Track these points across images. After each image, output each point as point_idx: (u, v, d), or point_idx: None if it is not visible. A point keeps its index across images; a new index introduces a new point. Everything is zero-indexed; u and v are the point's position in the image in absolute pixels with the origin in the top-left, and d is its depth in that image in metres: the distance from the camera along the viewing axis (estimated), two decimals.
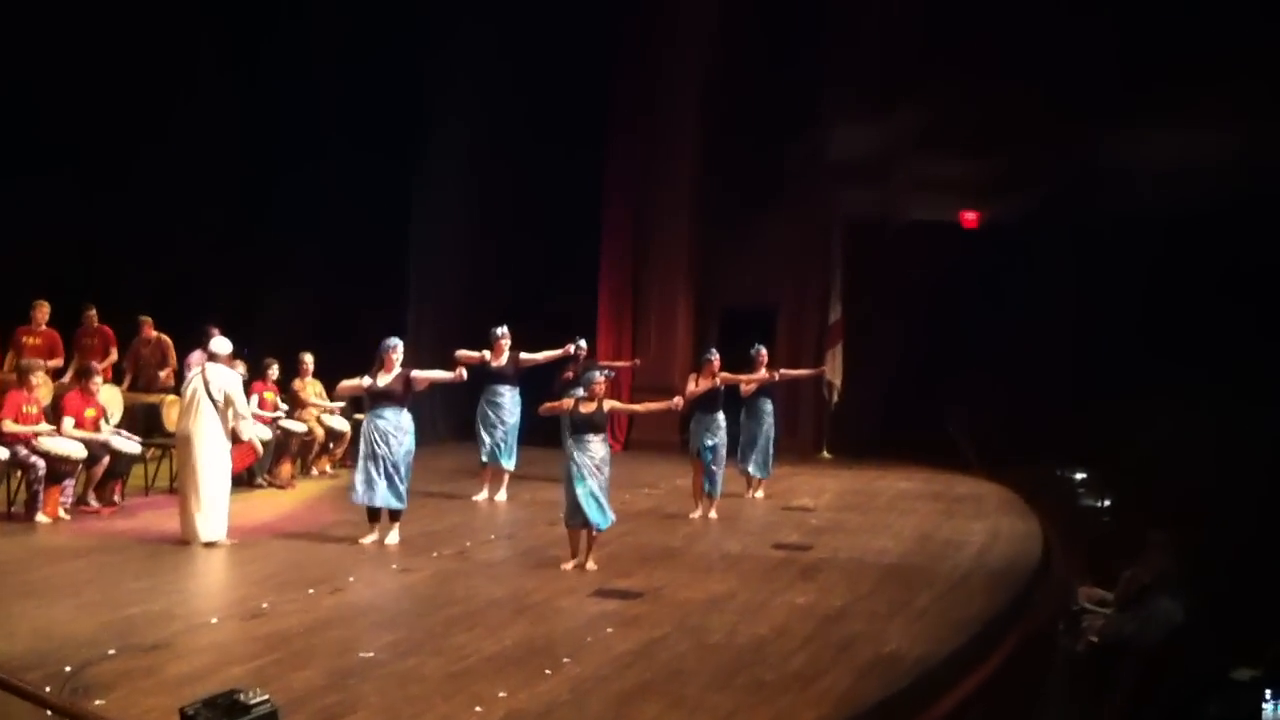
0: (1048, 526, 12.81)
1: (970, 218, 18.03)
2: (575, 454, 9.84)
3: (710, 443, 12.66)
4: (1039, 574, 10.65)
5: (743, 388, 13.77)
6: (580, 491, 9.71)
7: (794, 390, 18.00)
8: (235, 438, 10.83)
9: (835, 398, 18.88)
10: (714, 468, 12.64)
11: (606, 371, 10.53)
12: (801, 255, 19.18)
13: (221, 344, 10.85)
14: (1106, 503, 16.15)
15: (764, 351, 14.00)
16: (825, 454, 18.59)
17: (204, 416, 10.47)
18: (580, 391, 10.07)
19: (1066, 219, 17.65)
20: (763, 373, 13.85)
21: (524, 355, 13.41)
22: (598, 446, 9.86)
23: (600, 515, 9.77)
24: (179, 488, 10.90)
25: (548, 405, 10.36)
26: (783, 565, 10.37)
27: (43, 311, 13.31)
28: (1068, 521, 14.30)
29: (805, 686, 6.95)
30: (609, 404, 10.16)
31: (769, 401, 14.22)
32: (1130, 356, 16.50)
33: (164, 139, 15.47)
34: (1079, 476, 17.04)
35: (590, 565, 9.82)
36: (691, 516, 12.54)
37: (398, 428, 10.58)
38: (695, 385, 12.75)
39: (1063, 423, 16.89)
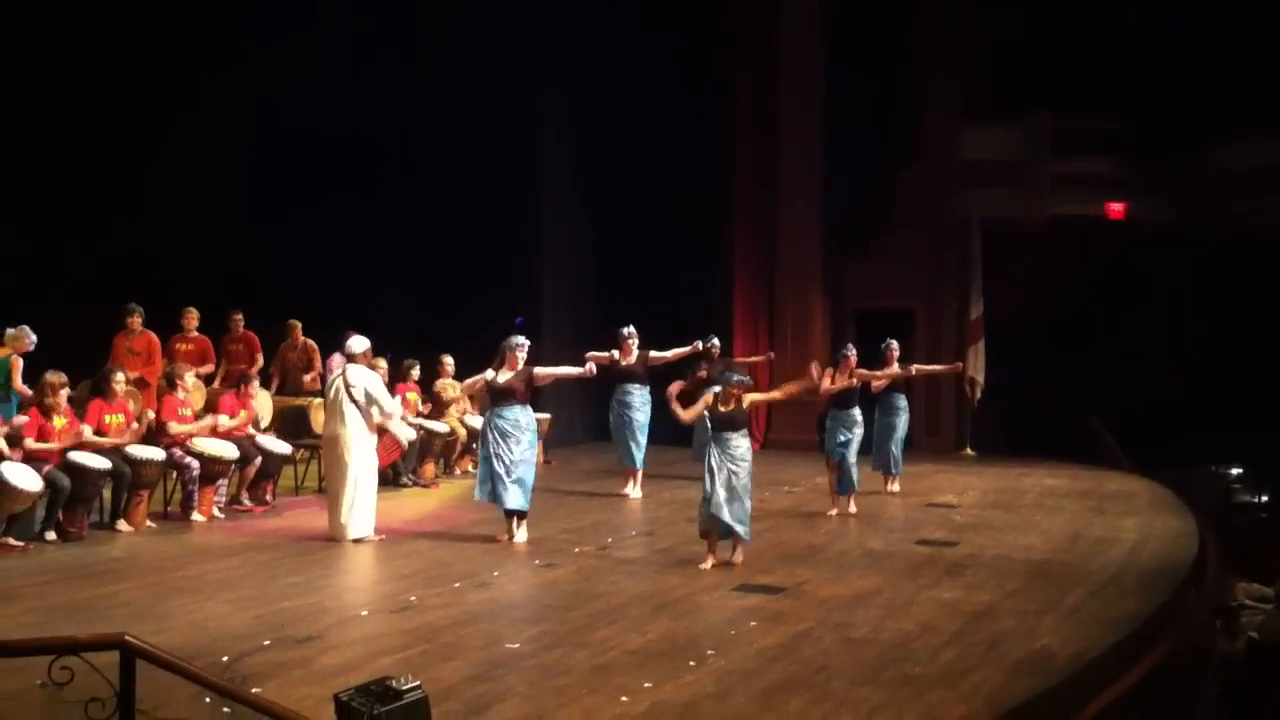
0: (1203, 523, 12.41)
1: (1117, 209, 17.56)
2: (715, 454, 9.68)
3: (843, 439, 12.53)
4: (1195, 571, 10.32)
5: (873, 384, 13.60)
6: (716, 501, 9.58)
7: (935, 388, 17.79)
8: (381, 432, 11.01)
9: (978, 395, 18.55)
10: (849, 464, 12.50)
11: (742, 376, 10.35)
12: (938, 253, 18.92)
13: (358, 342, 11.03)
14: (1263, 498, 15.61)
15: (894, 345, 13.81)
16: (968, 451, 18.28)
17: (348, 417, 10.67)
18: (722, 381, 9.97)
19: (1213, 214, 17.17)
20: (895, 368, 13.66)
21: (653, 353, 13.46)
22: (739, 442, 9.73)
23: (741, 526, 9.67)
24: (327, 487, 11.13)
25: (688, 416, 10.17)
26: (927, 562, 10.20)
27: (192, 318, 13.70)
28: (1223, 518, 13.87)
29: (954, 682, 6.82)
30: (749, 399, 9.97)
31: (902, 397, 14.03)
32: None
33: (306, 152, 15.87)
34: (1234, 472, 16.51)
35: (737, 558, 9.74)
36: (829, 514, 12.40)
37: (516, 426, 10.57)
38: (832, 382, 12.62)
39: (1215, 418, 16.45)
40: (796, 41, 18.89)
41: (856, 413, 12.73)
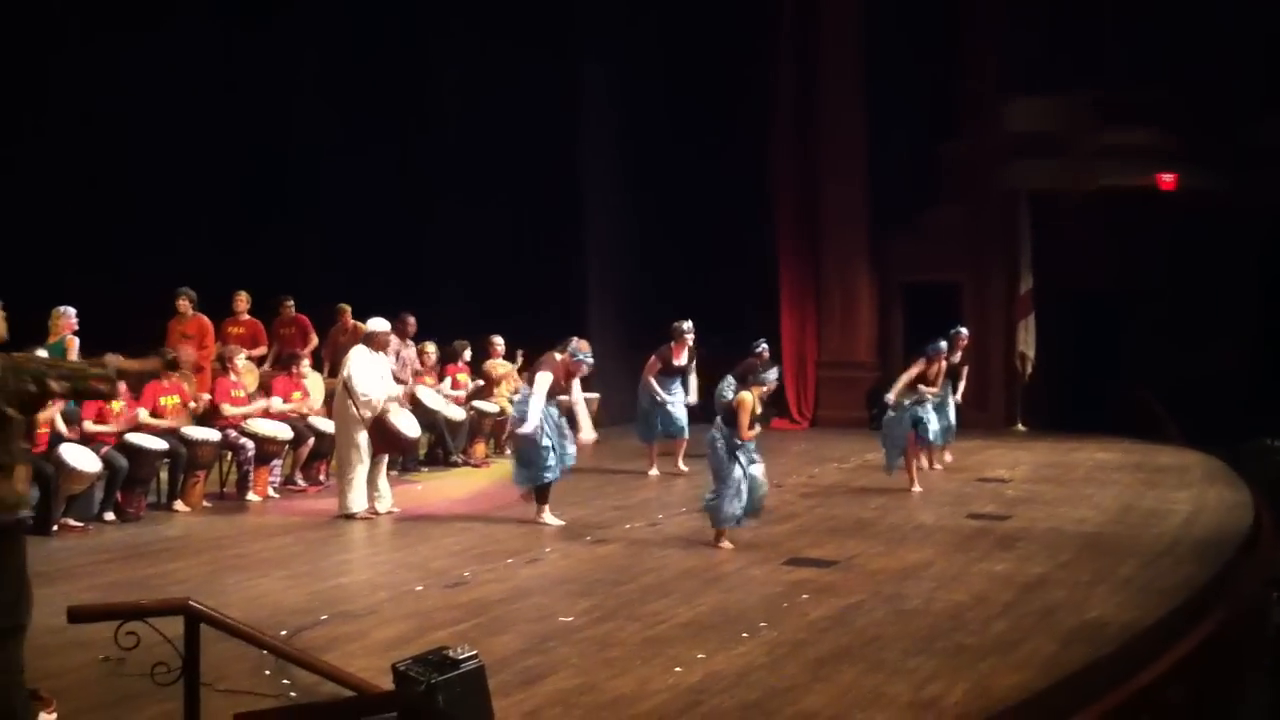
0: (1257, 494, 12.30)
1: (1168, 180, 17.37)
2: (742, 458, 9.57)
3: (921, 415, 12.52)
4: (1248, 543, 10.23)
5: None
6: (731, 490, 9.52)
7: (985, 363, 17.66)
8: (381, 421, 10.91)
9: (1028, 370, 18.43)
10: (926, 424, 12.52)
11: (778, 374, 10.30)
12: (984, 227, 18.74)
13: (377, 323, 11.09)
14: None
15: (964, 333, 13.75)
16: (1019, 427, 18.18)
17: (343, 399, 10.79)
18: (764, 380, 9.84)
19: (1267, 186, 16.96)
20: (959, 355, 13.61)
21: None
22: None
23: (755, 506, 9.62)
24: (337, 463, 11.28)
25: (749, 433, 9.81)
26: (979, 535, 10.18)
27: (242, 302, 13.83)
28: (1277, 490, 13.72)
29: (1007, 652, 6.81)
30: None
31: (949, 383, 13.94)
32: None
33: (355, 139, 16.01)
34: None
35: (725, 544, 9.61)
36: (914, 490, 12.34)
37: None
38: (919, 372, 12.58)
39: (1269, 391, 16.28)
40: (838, 17, 18.74)
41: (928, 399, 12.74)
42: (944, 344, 12.84)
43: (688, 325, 13.37)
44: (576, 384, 10.77)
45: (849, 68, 18.73)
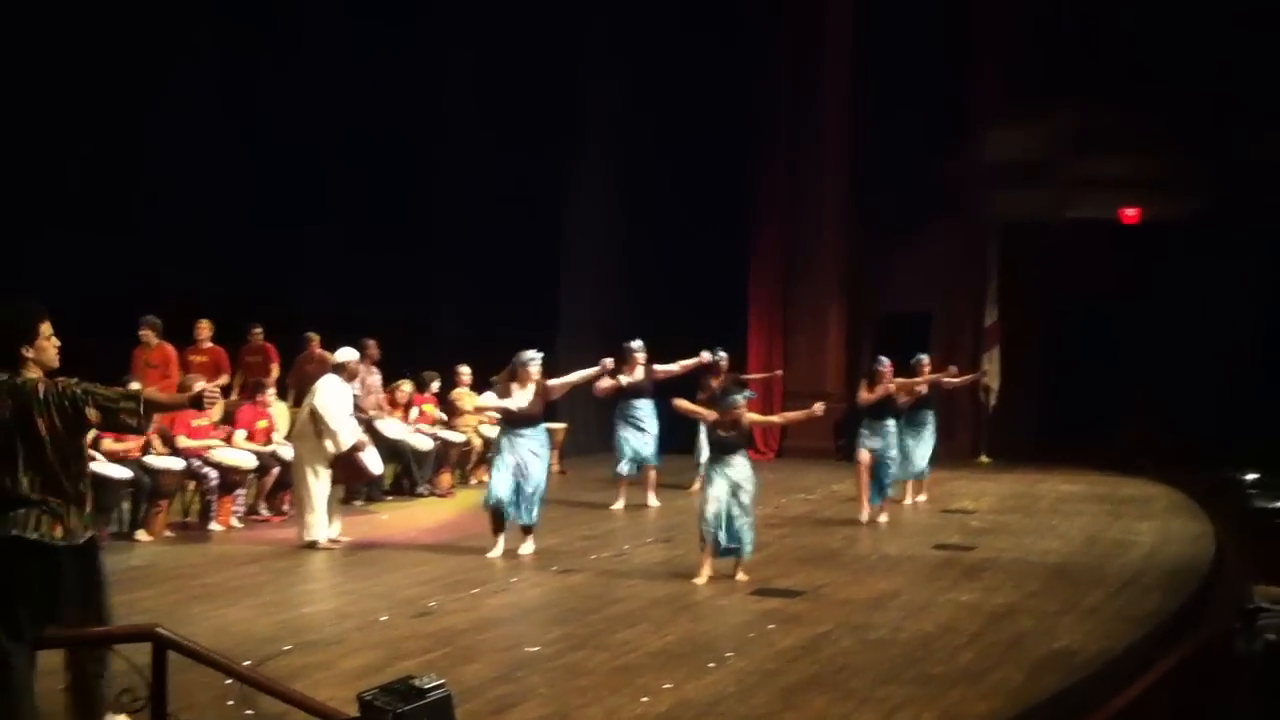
0: (1220, 527, 12.39)
1: (1131, 214, 17.55)
2: (715, 474, 9.52)
3: (878, 446, 12.47)
4: (1213, 573, 10.31)
5: (901, 399, 13.59)
6: (711, 516, 9.40)
7: (950, 395, 17.72)
8: (349, 455, 10.91)
9: (993, 402, 18.54)
10: (887, 468, 12.47)
11: (748, 393, 10.24)
12: (955, 259, 18.85)
13: (345, 353, 11.11)
14: None
15: (925, 360, 13.82)
16: (984, 458, 18.26)
17: (305, 426, 10.76)
18: (724, 406, 9.75)
19: (1236, 218, 17.14)
20: (926, 376, 13.66)
21: (659, 367, 13.31)
22: (739, 462, 9.53)
23: (737, 540, 9.43)
24: (295, 491, 11.23)
25: (684, 405, 10.07)
26: (945, 565, 10.21)
27: (204, 330, 13.73)
28: (1240, 523, 13.82)
29: (976, 681, 6.83)
30: (749, 418, 9.74)
31: (931, 414, 13.99)
32: None
33: (321, 164, 15.94)
34: (1250, 478, 16.46)
35: (739, 576, 9.47)
36: (862, 520, 12.33)
37: (542, 445, 10.47)
38: (868, 393, 12.57)
39: (1232, 424, 16.43)
40: (826, 47, 18.86)
41: (891, 424, 12.65)
42: (886, 360, 12.82)
43: (636, 344, 13.29)
44: (559, 380, 10.83)
45: (834, 95, 18.83)
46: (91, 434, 9.40)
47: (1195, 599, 9.33)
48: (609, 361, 11.34)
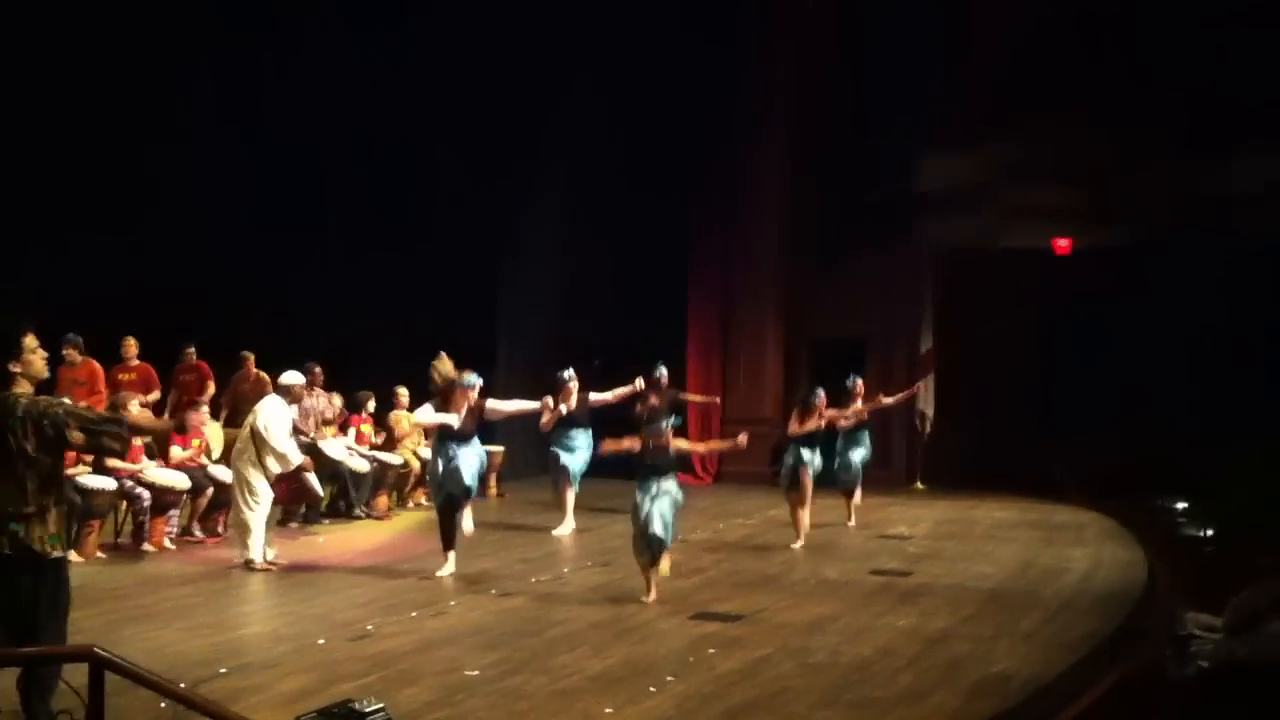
0: (1151, 553, 12.57)
1: (1063, 244, 17.82)
2: (641, 493, 9.52)
3: (806, 457, 12.62)
4: (1145, 599, 10.44)
5: (841, 423, 13.74)
6: (644, 516, 9.43)
7: (885, 421, 17.87)
8: (296, 474, 10.93)
9: (928, 428, 18.70)
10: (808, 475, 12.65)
11: (675, 420, 10.27)
12: (890, 286, 19.04)
13: (290, 376, 11.07)
14: (1209, 532, 15.79)
15: (860, 382, 13.97)
16: (919, 485, 18.40)
17: (246, 447, 10.69)
18: (649, 433, 9.79)
19: (1166, 249, 17.44)
20: (859, 404, 13.84)
21: (594, 396, 13.24)
22: (668, 485, 9.53)
23: (664, 531, 9.43)
24: (233, 513, 11.14)
25: (608, 445, 9.98)
26: (882, 590, 10.27)
27: (131, 347, 13.54)
28: (1169, 550, 14.01)
29: (914, 703, 6.88)
30: (675, 445, 9.77)
31: (866, 434, 14.22)
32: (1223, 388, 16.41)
33: (264, 182, 15.82)
34: (1180, 506, 16.71)
35: (664, 567, 9.59)
36: (793, 547, 12.39)
37: (475, 453, 10.50)
38: (800, 424, 12.63)
39: (1161, 455, 16.65)
40: (767, 65, 19.02)
41: (816, 445, 12.85)
42: (820, 392, 12.94)
43: (568, 373, 13.23)
44: (498, 404, 10.82)
45: (772, 122, 19.01)
46: None
47: (1128, 624, 9.43)
48: (550, 400, 11.36)
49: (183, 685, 6.64)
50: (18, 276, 12.97)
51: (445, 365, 10.57)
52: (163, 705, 6.11)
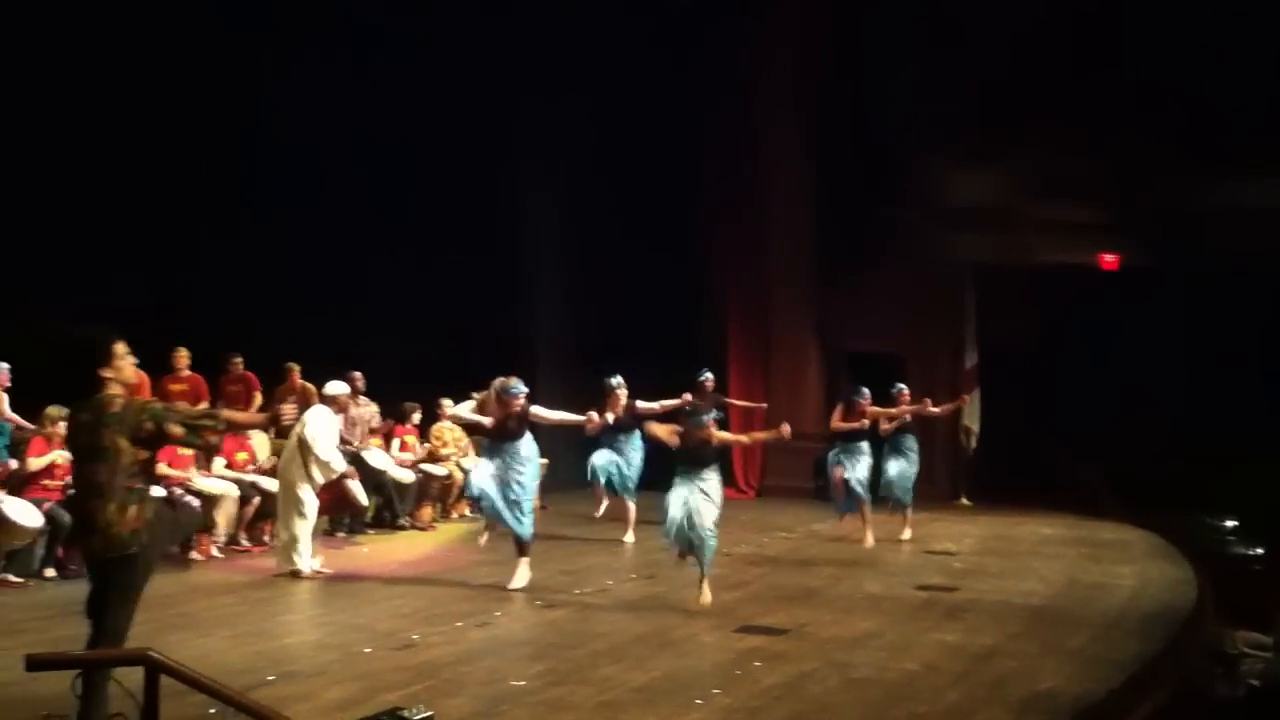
0: (1199, 571, 12.43)
1: (1110, 259, 17.68)
2: (680, 482, 9.73)
3: (848, 463, 12.60)
4: (1194, 617, 10.33)
5: (883, 425, 13.70)
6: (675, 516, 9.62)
7: (930, 437, 17.76)
8: (339, 484, 11.01)
9: (973, 444, 18.59)
10: (854, 486, 12.68)
11: (715, 413, 10.31)
12: (929, 301, 18.94)
13: (335, 386, 11.14)
14: (1258, 550, 15.61)
15: (905, 391, 13.95)
16: (964, 501, 18.27)
17: (294, 456, 10.75)
18: (692, 424, 9.88)
19: (1208, 265, 17.28)
20: (906, 407, 13.81)
21: (640, 404, 13.27)
22: (710, 475, 9.71)
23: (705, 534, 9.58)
24: (280, 522, 11.19)
25: (653, 430, 10.14)
26: (927, 605, 10.20)
27: (182, 358, 13.62)
28: (1218, 568, 13.87)
29: None
30: (718, 436, 9.96)
31: (913, 439, 14.15)
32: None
33: (300, 198, 15.93)
34: (1229, 524, 16.53)
35: (704, 598, 9.65)
36: (864, 545, 12.39)
37: (522, 461, 10.45)
38: (841, 419, 12.70)
39: (1208, 471, 16.48)
40: (787, 86, 19.01)
41: (864, 445, 12.85)
42: (865, 391, 12.91)
43: (616, 380, 13.22)
44: (544, 411, 10.70)
45: (798, 134, 18.96)
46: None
47: (1177, 643, 9.33)
48: (595, 415, 11.35)
49: None
50: (73, 291, 13.16)
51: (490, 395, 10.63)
52: (213, 712, 6.17)
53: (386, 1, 16.65)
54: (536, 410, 10.64)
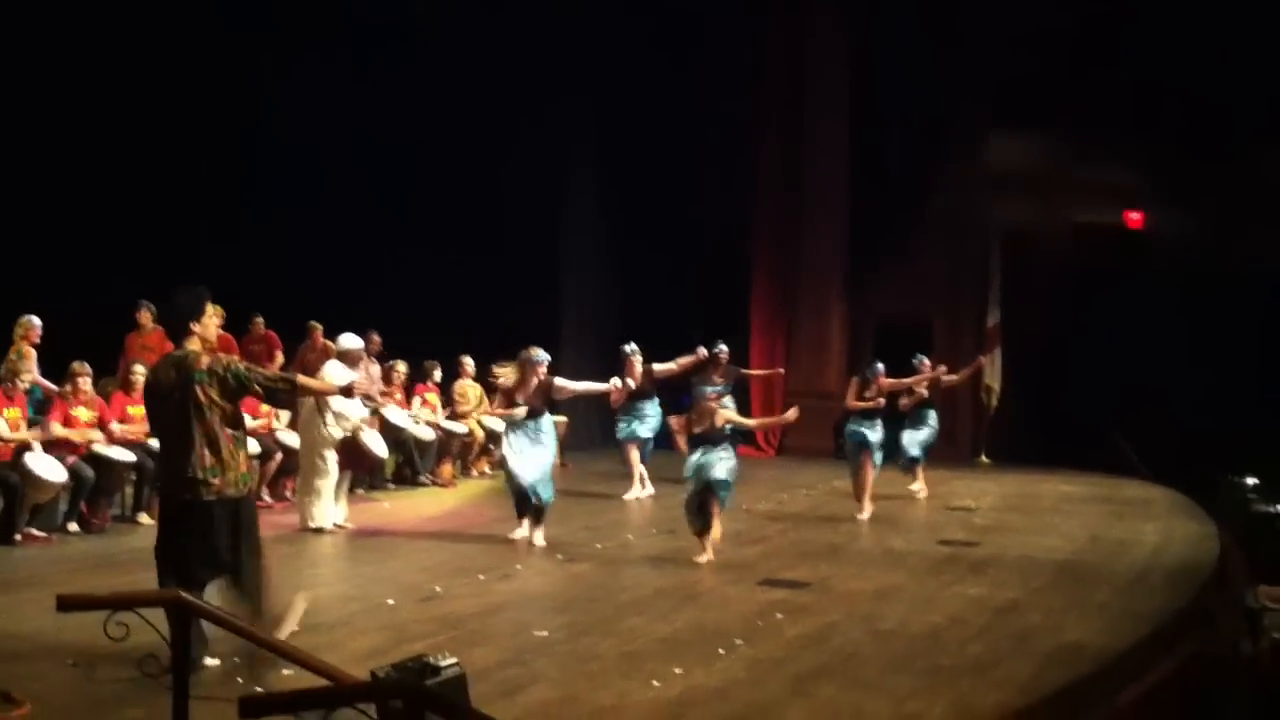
0: (1223, 527, 12.40)
1: (1135, 218, 17.57)
2: (697, 453, 9.81)
3: (864, 433, 12.53)
4: (1218, 574, 10.30)
5: (902, 401, 13.67)
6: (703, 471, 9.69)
7: (950, 395, 17.71)
8: (353, 443, 10.96)
9: (994, 402, 18.53)
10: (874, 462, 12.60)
11: (719, 387, 10.36)
12: (957, 264, 18.87)
13: (349, 340, 11.08)
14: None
15: (926, 362, 13.91)
16: (984, 459, 18.23)
17: (312, 413, 10.75)
18: (697, 394, 9.97)
19: (1238, 227, 17.18)
20: (918, 378, 13.76)
21: (657, 367, 13.24)
22: (724, 452, 9.76)
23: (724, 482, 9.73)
24: (301, 477, 11.23)
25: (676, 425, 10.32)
26: (950, 560, 10.19)
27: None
28: (1239, 526, 13.83)
29: (985, 672, 6.81)
30: (722, 417, 9.97)
31: (933, 414, 14.11)
32: None
33: (328, 159, 15.91)
34: (1250, 482, 16.47)
35: (716, 533, 9.84)
36: (858, 518, 12.32)
37: (544, 432, 10.46)
38: (856, 396, 12.57)
39: (1231, 430, 16.41)
40: (824, 50, 18.90)
41: (879, 422, 12.72)
42: (880, 366, 12.86)
43: (630, 347, 13.16)
44: (566, 382, 10.72)
45: (836, 103, 18.87)
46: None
47: (1201, 598, 9.30)
48: (617, 381, 11.33)
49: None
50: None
51: (506, 369, 10.62)
52: (235, 660, 6.20)
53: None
54: (560, 382, 10.61)
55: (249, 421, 11.78)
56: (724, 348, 14.04)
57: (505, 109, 16.96)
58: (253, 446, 11.59)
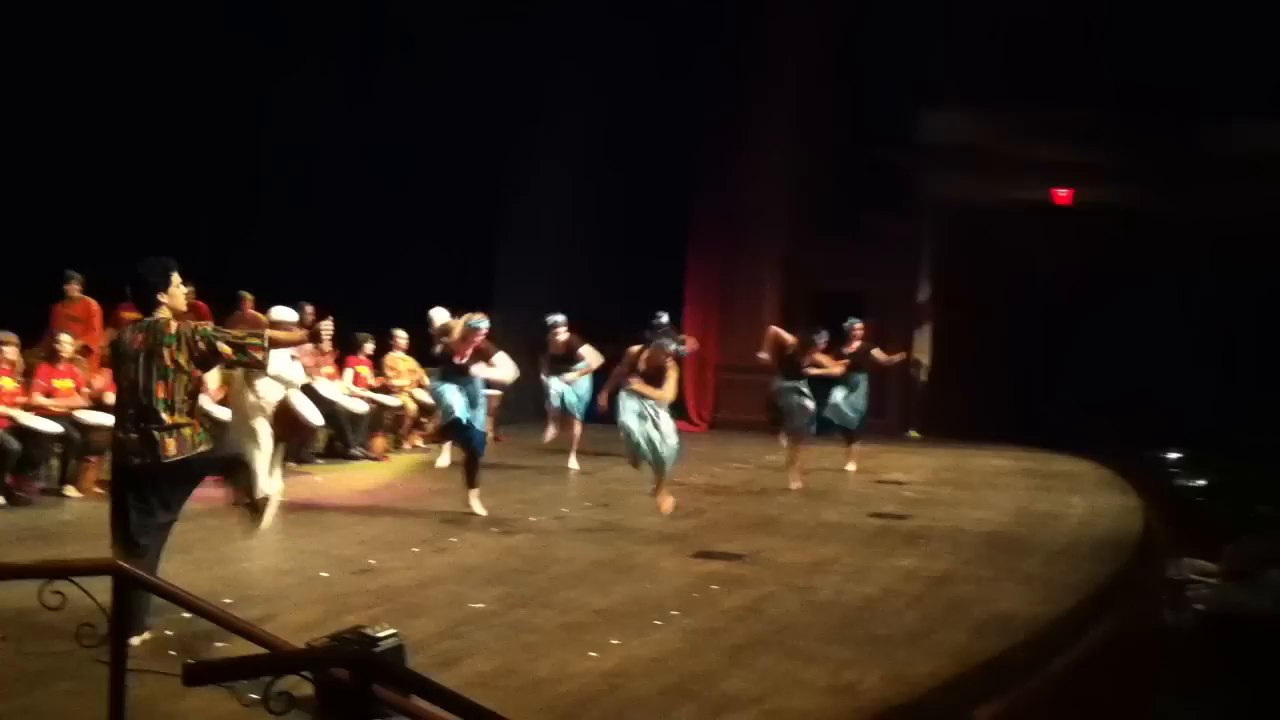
0: (1147, 501, 12.63)
1: (1063, 194, 17.79)
2: (627, 403, 10.14)
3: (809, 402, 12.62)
4: (1143, 545, 10.49)
5: (835, 370, 13.77)
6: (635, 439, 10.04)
7: (879, 369, 17.85)
8: (285, 410, 10.84)
9: (923, 377, 18.70)
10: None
11: (682, 349, 10.50)
12: (891, 238, 19.02)
13: (281, 311, 10.93)
14: (1201, 482, 15.88)
15: (859, 325, 13.98)
16: (913, 434, 18.42)
17: (243, 385, 10.62)
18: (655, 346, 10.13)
19: (1166, 206, 17.46)
20: (852, 349, 13.85)
21: (586, 349, 13.42)
22: (665, 424, 10.16)
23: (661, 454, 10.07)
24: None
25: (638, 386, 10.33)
26: (882, 533, 10.30)
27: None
28: (1162, 499, 14.10)
29: (919, 640, 6.90)
30: (672, 375, 10.19)
31: (862, 377, 14.22)
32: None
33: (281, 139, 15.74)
34: (1173, 456, 16.81)
35: (666, 506, 10.21)
36: (791, 488, 12.41)
37: (478, 391, 10.57)
38: (766, 353, 12.85)
39: (1157, 406, 16.72)
40: (773, 17, 18.89)
41: (802, 384, 12.82)
42: (825, 335, 12.92)
43: (557, 318, 13.52)
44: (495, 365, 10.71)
45: (776, 77, 18.86)
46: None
47: (1127, 569, 9.48)
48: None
49: (188, 615, 6.66)
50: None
51: (454, 325, 10.60)
52: (168, 633, 6.13)
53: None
54: (497, 358, 10.62)
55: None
56: (664, 316, 14.21)
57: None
58: None
